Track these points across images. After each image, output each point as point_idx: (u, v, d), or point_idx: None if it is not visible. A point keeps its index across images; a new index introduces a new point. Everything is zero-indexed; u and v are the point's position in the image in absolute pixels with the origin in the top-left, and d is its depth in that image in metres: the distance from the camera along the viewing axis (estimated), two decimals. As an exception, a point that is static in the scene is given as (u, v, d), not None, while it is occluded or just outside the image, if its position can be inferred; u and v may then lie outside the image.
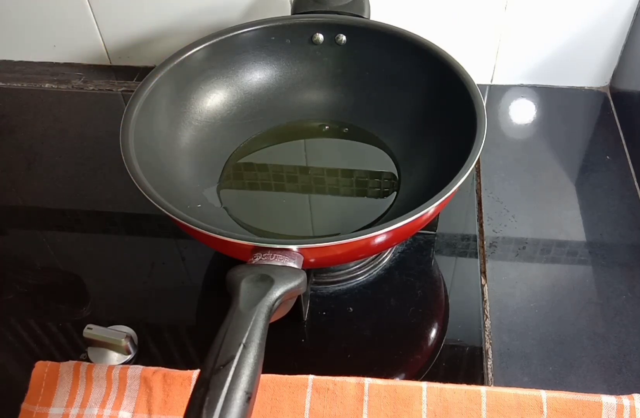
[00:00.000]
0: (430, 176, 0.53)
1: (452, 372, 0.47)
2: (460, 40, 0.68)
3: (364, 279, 0.54)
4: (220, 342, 0.34)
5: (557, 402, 0.43)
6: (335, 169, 0.58)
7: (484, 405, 0.43)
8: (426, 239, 0.56)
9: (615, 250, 0.56)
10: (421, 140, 0.57)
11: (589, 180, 0.62)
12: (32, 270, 0.56)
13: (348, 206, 0.55)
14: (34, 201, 0.62)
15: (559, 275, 0.54)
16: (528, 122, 0.69)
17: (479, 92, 0.50)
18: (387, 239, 0.43)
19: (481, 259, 0.55)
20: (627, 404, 0.42)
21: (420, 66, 0.55)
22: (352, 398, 0.43)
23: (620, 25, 0.66)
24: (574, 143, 0.67)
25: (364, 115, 0.60)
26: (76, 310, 0.53)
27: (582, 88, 0.73)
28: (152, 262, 0.56)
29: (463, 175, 0.43)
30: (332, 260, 0.47)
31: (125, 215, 0.61)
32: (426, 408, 0.43)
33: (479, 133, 0.46)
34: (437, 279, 0.54)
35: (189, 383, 0.44)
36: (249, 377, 0.32)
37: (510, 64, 0.71)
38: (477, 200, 0.60)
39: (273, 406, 0.44)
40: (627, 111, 0.67)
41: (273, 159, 0.59)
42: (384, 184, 0.56)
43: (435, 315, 0.52)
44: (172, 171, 0.53)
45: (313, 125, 0.62)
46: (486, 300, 0.52)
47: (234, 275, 0.38)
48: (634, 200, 0.60)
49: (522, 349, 0.49)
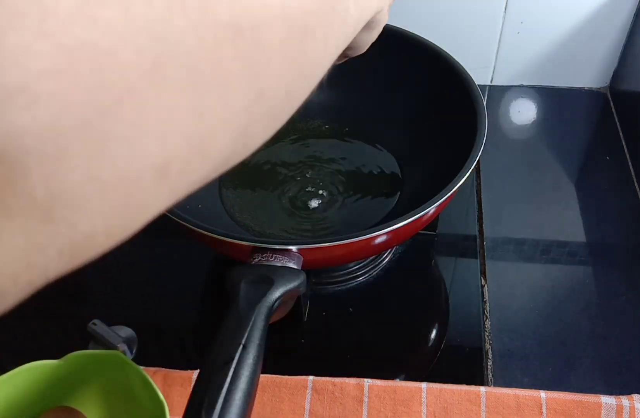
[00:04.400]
0: (430, 176, 0.53)
1: (451, 373, 0.47)
2: (460, 40, 0.68)
3: (364, 280, 0.54)
4: (219, 342, 0.34)
5: (557, 403, 0.43)
6: (335, 169, 0.58)
7: (484, 405, 0.43)
8: (426, 240, 0.56)
9: (615, 250, 0.56)
10: (421, 141, 0.57)
11: (589, 180, 0.62)
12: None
13: (349, 207, 0.55)
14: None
15: (559, 275, 0.54)
16: (528, 123, 0.69)
17: (479, 92, 0.50)
18: (387, 240, 0.43)
19: (481, 260, 0.55)
20: (627, 404, 0.42)
21: (420, 66, 0.55)
22: (351, 399, 0.43)
23: (620, 25, 0.66)
24: (574, 143, 0.67)
25: (364, 115, 0.60)
26: (76, 310, 0.53)
27: (582, 88, 0.73)
28: (152, 262, 0.56)
29: (463, 176, 0.43)
30: (332, 261, 0.47)
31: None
32: (426, 409, 0.43)
33: (479, 133, 0.46)
34: (437, 280, 0.54)
35: (189, 383, 0.44)
36: (248, 378, 0.32)
37: (510, 64, 0.71)
38: (477, 200, 0.60)
39: (273, 407, 0.44)
40: (627, 111, 0.67)
41: (273, 158, 0.59)
42: (386, 185, 0.56)
43: (435, 316, 0.52)
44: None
45: (313, 125, 0.61)
46: (486, 301, 0.52)
47: (234, 275, 0.38)
48: (634, 200, 0.60)
49: (522, 350, 0.49)
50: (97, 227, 0.14)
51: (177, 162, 0.15)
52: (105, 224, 0.14)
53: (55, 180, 0.13)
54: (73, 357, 0.41)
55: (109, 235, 0.15)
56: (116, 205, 0.14)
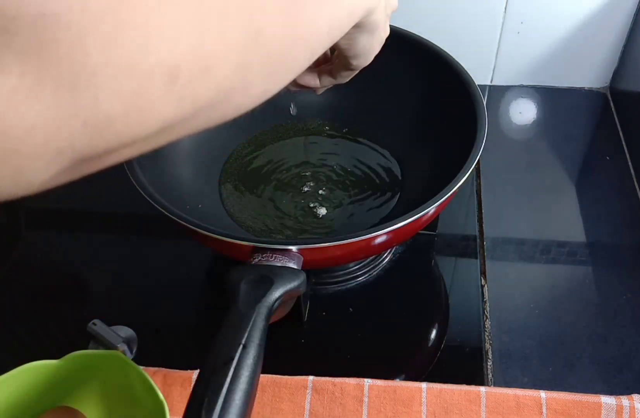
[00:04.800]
0: (430, 176, 0.53)
1: (451, 373, 0.47)
2: (460, 40, 0.68)
3: (364, 280, 0.54)
4: (219, 342, 0.34)
5: (557, 403, 0.43)
6: (335, 169, 0.58)
7: (484, 406, 0.43)
8: (426, 240, 0.56)
9: (615, 250, 0.56)
10: (421, 141, 0.57)
11: (589, 180, 0.62)
12: (32, 270, 0.56)
13: (349, 206, 0.55)
14: (33, 201, 0.62)
15: (559, 275, 0.54)
16: (528, 123, 0.69)
17: (479, 92, 0.50)
18: (387, 240, 0.43)
19: (481, 260, 0.55)
20: (627, 404, 0.42)
21: (420, 66, 0.55)
22: (351, 399, 0.43)
23: (620, 25, 0.66)
24: (574, 143, 0.67)
25: (364, 115, 0.60)
26: (76, 310, 0.53)
27: (582, 88, 0.73)
28: (152, 262, 0.56)
29: (463, 176, 0.43)
30: (332, 261, 0.47)
31: (125, 215, 0.61)
32: (426, 409, 0.43)
33: (479, 133, 0.46)
34: (437, 280, 0.54)
35: (189, 383, 0.44)
36: (248, 378, 0.32)
37: (510, 64, 0.71)
38: (477, 200, 0.60)
39: (273, 407, 0.44)
40: (627, 111, 0.67)
41: (273, 159, 0.59)
42: (386, 185, 0.56)
43: (435, 316, 0.52)
44: (172, 171, 0.53)
45: (313, 125, 0.61)
46: (486, 301, 0.52)
47: (234, 275, 0.38)
48: (634, 200, 0.60)
49: (522, 350, 0.49)
50: (116, 110, 0.16)
51: (184, 70, 0.17)
52: (122, 110, 0.17)
53: (79, 54, 0.15)
54: (73, 357, 0.41)
55: (126, 125, 0.17)
56: (132, 93, 0.16)
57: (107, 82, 0.16)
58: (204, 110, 0.20)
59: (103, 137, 0.17)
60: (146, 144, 0.20)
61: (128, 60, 0.16)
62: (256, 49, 0.21)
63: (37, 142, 0.16)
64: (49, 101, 0.15)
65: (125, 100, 0.16)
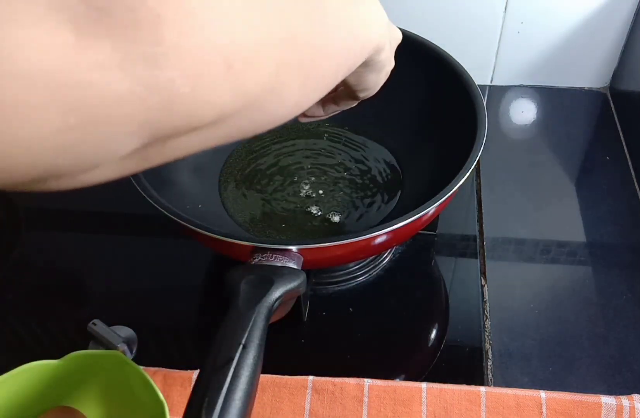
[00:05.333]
0: (430, 176, 0.53)
1: (452, 373, 0.47)
2: (460, 40, 0.68)
3: (364, 280, 0.54)
4: (219, 342, 0.34)
5: (557, 403, 0.43)
6: (336, 169, 0.58)
7: (484, 406, 0.43)
8: (426, 240, 0.56)
9: (615, 250, 0.56)
10: (421, 141, 0.57)
11: (589, 180, 0.62)
12: (32, 270, 0.56)
13: (350, 207, 0.55)
14: (33, 201, 0.62)
15: (559, 275, 0.54)
16: (528, 123, 0.69)
17: (479, 92, 0.50)
18: (387, 240, 0.43)
19: (481, 260, 0.55)
20: (627, 404, 0.42)
21: (420, 66, 0.55)
22: (351, 399, 0.43)
23: (620, 25, 0.66)
24: (574, 143, 0.67)
25: (364, 115, 0.60)
26: (76, 310, 0.53)
27: (582, 88, 0.73)
28: (152, 262, 0.56)
29: (463, 176, 0.43)
30: (332, 261, 0.47)
31: (125, 215, 0.61)
32: (426, 409, 0.43)
33: (479, 133, 0.46)
34: (437, 280, 0.54)
35: (189, 383, 0.44)
36: (248, 378, 0.32)
37: (510, 64, 0.71)
38: (477, 200, 0.60)
39: (273, 407, 0.44)
40: (627, 111, 0.67)
41: (273, 159, 0.59)
42: (387, 184, 0.56)
43: (435, 316, 0.52)
44: (172, 172, 0.53)
45: (313, 125, 0.61)
46: (486, 301, 0.52)
47: (234, 275, 0.38)
48: (634, 200, 0.60)
49: (522, 350, 0.49)
50: (185, 89, 0.18)
51: (237, 60, 0.19)
52: (191, 91, 0.18)
53: (159, 34, 0.17)
54: (73, 357, 0.41)
55: (193, 105, 0.18)
56: (198, 76, 0.18)
57: (181, 63, 0.17)
58: (248, 109, 0.21)
59: (173, 115, 0.18)
60: (201, 138, 0.21)
61: (196, 43, 0.18)
62: (293, 49, 0.22)
63: (125, 112, 0.17)
64: (133, 75, 0.17)
65: (194, 81, 0.18)
